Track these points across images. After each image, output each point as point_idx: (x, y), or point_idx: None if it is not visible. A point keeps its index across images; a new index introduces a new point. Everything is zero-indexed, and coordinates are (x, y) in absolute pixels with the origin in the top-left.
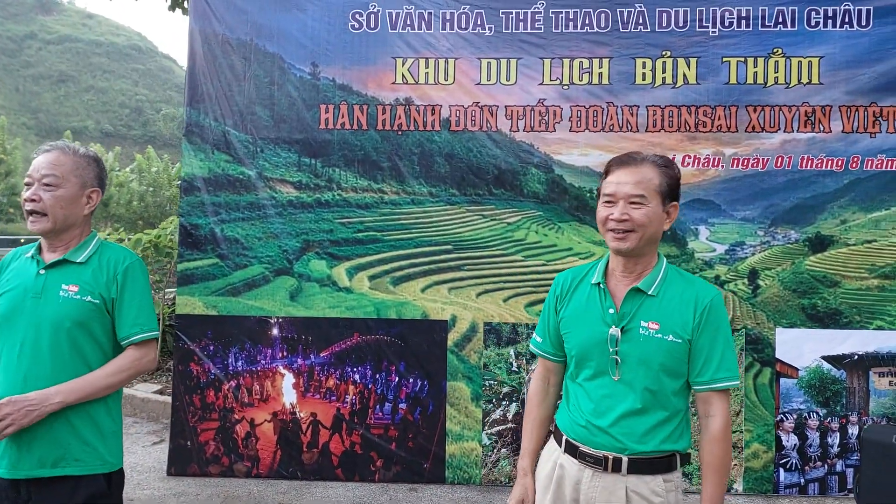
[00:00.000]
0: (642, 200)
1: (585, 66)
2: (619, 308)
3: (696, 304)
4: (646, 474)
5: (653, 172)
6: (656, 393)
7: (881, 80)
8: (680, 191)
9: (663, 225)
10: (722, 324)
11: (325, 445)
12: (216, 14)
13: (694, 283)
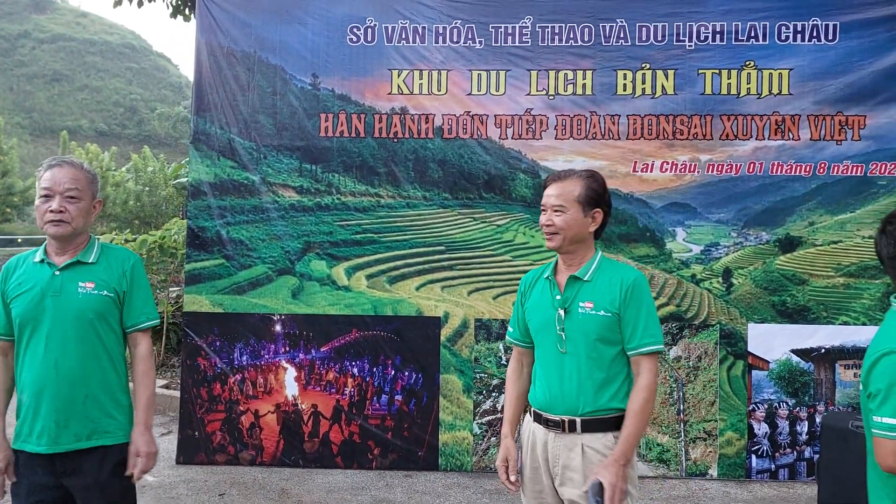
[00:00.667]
0: (563, 209)
1: (570, 78)
2: (562, 293)
3: (622, 285)
4: (598, 432)
5: (574, 185)
6: (596, 360)
7: (847, 91)
8: (604, 199)
9: (587, 227)
10: (644, 299)
11: (326, 435)
12: (222, 28)
13: (620, 269)
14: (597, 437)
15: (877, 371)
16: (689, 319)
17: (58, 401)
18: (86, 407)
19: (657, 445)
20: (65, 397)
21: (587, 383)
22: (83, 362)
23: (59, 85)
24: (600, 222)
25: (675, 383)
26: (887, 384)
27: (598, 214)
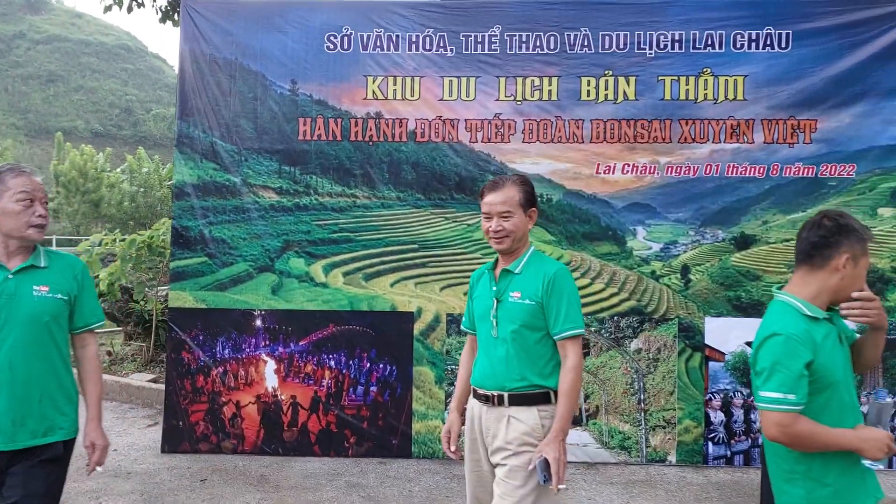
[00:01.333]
0: (509, 214)
1: (536, 84)
2: (497, 285)
3: (545, 277)
4: (523, 405)
5: (514, 191)
6: (522, 343)
7: (799, 97)
8: (535, 198)
9: (528, 226)
10: (565, 289)
11: (304, 425)
12: (204, 36)
13: (545, 262)
14: (522, 409)
15: (762, 352)
16: (649, 313)
17: (13, 401)
18: (42, 406)
19: (619, 433)
20: (20, 397)
21: (514, 363)
22: (38, 363)
23: (55, 86)
24: (535, 219)
25: (635, 374)
26: (771, 363)
27: (533, 213)
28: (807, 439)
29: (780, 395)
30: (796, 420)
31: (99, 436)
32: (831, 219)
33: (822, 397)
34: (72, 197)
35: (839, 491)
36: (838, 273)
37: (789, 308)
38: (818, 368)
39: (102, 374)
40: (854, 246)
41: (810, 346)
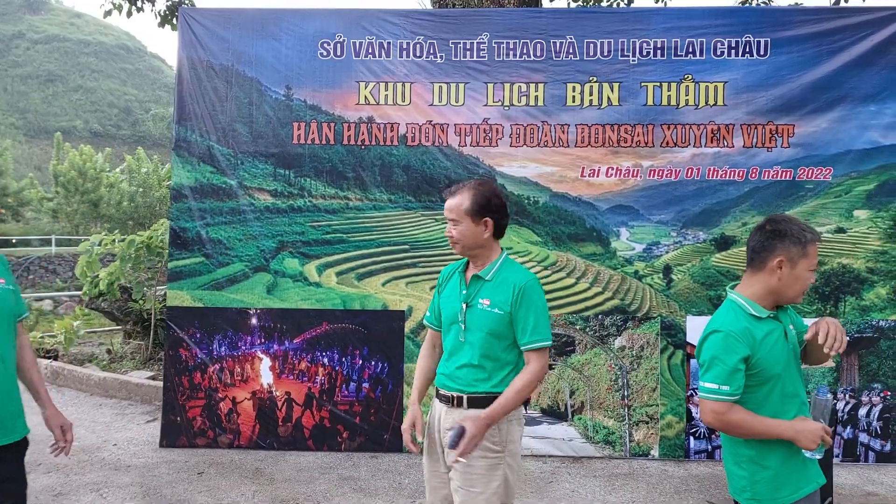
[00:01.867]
0: (455, 221)
1: (523, 90)
2: (467, 289)
3: (514, 287)
4: (482, 409)
5: (462, 199)
6: (487, 350)
7: (777, 102)
8: (492, 206)
9: (482, 234)
10: (534, 301)
11: (298, 420)
12: (202, 43)
13: (516, 272)
14: (481, 412)
15: (704, 346)
16: (632, 312)
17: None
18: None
19: (603, 428)
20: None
21: (478, 369)
22: (11, 355)
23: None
24: (493, 227)
25: (619, 371)
26: (710, 357)
27: (488, 222)
28: (739, 426)
29: (716, 386)
30: (730, 409)
31: (63, 417)
32: (771, 224)
33: (765, 388)
34: (71, 197)
35: (779, 474)
36: (775, 275)
37: (735, 306)
38: (758, 363)
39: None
40: (789, 249)
41: (748, 343)
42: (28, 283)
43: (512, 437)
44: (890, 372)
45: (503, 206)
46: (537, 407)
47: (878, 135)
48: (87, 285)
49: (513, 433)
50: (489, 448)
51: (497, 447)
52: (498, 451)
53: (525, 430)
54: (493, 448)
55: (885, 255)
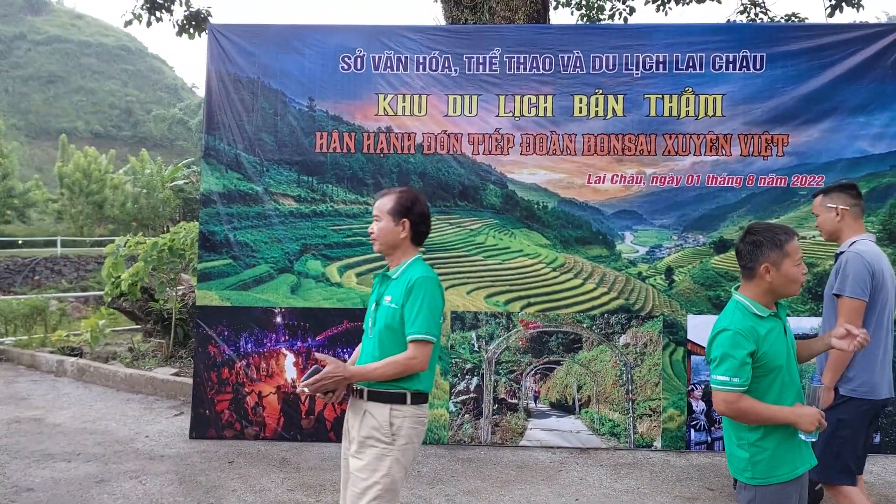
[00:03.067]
0: (377, 219)
1: (533, 102)
2: (378, 289)
3: (408, 283)
4: (378, 402)
5: (388, 200)
6: (384, 344)
7: (772, 113)
8: (412, 211)
9: (399, 234)
10: (421, 296)
11: (321, 413)
12: (229, 57)
13: (415, 270)
14: (376, 406)
15: (715, 343)
16: (636, 311)
17: None
18: None
19: (609, 421)
20: None
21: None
22: None
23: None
24: (410, 230)
25: (624, 367)
26: (721, 353)
27: (405, 223)
28: (748, 413)
29: (727, 379)
30: (739, 398)
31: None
32: (749, 236)
33: (768, 379)
34: (76, 198)
35: (776, 455)
36: (766, 279)
37: (741, 306)
38: (762, 357)
39: None
40: (769, 255)
41: (754, 339)
42: (33, 283)
43: (403, 433)
44: None
45: (424, 215)
46: (547, 401)
47: (867, 144)
48: (109, 286)
49: (404, 430)
50: (378, 438)
51: (385, 438)
52: (386, 443)
53: (535, 422)
54: (381, 439)
55: None
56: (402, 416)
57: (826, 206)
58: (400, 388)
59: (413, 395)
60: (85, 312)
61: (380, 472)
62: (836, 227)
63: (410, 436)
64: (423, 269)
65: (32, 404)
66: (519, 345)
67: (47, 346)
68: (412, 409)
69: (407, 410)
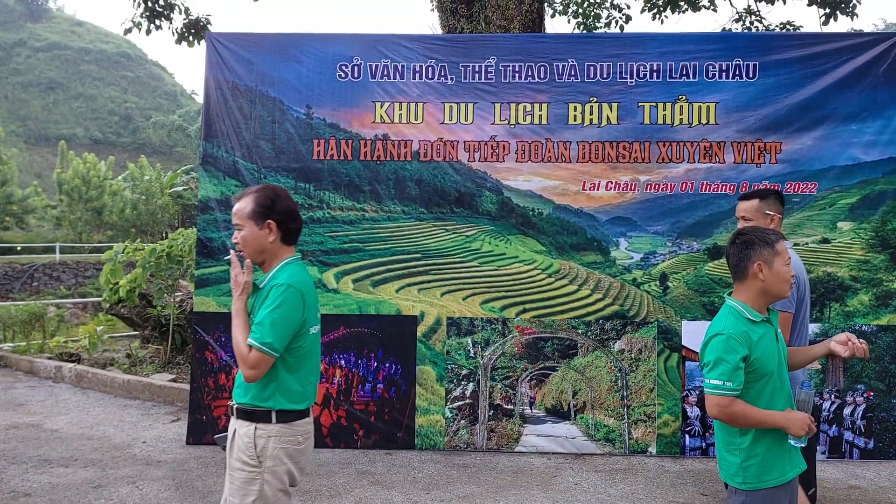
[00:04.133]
0: (238, 227)
1: (528, 109)
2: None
3: (264, 290)
4: (244, 421)
5: (245, 203)
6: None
7: (765, 121)
8: (275, 209)
9: (266, 238)
10: (268, 302)
11: (317, 419)
12: (227, 65)
13: (279, 276)
14: (243, 424)
15: (708, 348)
16: (631, 317)
17: None
18: None
19: (604, 426)
20: None
21: (238, 379)
22: None
23: (54, 93)
24: (277, 231)
25: (619, 372)
26: (714, 357)
27: (271, 225)
28: (741, 417)
29: (721, 383)
30: (732, 402)
31: None
32: (739, 238)
33: (759, 384)
34: (74, 205)
35: (766, 460)
36: (759, 278)
37: (734, 311)
38: (754, 362)
39: None
40: (761, 253)
41: (746, 344)
42: (32, 290)
43: (269, 453)
44: (872, 373)
45: (290, 211)
46: (542, 406)
47: (860, 152)
48: (107, 292)
49: (270, 450)
50: (245, 461)
51: (252, 461)
52: (253, 466)
53: (530, 428)
54: (247, 461)
55: (867, 263)
56: (268, 436)
57: (764, 213)
58: (265, 407)
59: (278, 413)
60: (83, 318)
61: (250, 498)
62: None
63: (279, 456)
64: (289, 276)
65: (30, 410)
66: (514, 350)
67: (45, 352)
68: (279, 427)
69: (272, 430)
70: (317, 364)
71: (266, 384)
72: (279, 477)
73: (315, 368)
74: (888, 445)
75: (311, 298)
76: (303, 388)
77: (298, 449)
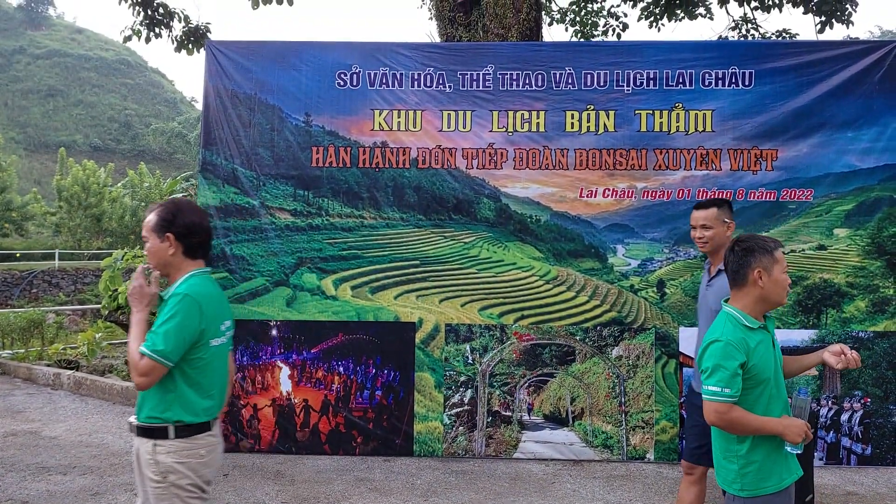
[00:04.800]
0: (145, 239)
1: (526, 117)
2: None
3: (164, 301)
4: (142, 437)
5: (151, 215)
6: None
7: (761, 129)
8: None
9: (167, 251)
10: (164, 313)
11: (315, 426)
12: (226, 73)
13: (179, 287)
14: (143, 442)
15: (706, 354)
16: (628, 324)
17: None
18: None
19: (602, 433)
20: None
21: (142, 393)
22: None
23: (54, 100)
24: (177, 244)
25: (616, 379)
26: (713, 364)
27: (170, 238)
28: (739, 424)
29: (719, 389)
30: (731, 409)
31: None
32: (739, 245)
33: (757, 391)
34: (74, 211)
35: (763, 467)
36: (758, 285)
37: (732, 318)
38: (752, 368)
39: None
40: (761, 260)
41: (744, 351)
42: (31, 296)
43: (171, 468)
44: (869, 380)
45: (192, 225)
46: (540, 413)
47: (856, 159)
48: (106, 299)
49: (170, 465)
50: (150, 477)
51: (157, 477)
52: (158, 482)
53: (528, 434)
54: (153, 478)
55: (863, 270)
56: (167, 452)
57: (723, 220)
58: (162, 420)
59: (177, 428)
60: (82, 325)
61: None
62: (724, 241)
63: (181, 470)
64: (188, 287)
65: (28, 417)
66: (513, 357)
67: (44, 359)
68: (177, 443)
69: (171, 445)
70: (221, 377)
71: (164, 396)
72: (185, 488)
73: (219, 381)
74: (885, 451)
75: (212, 310)
76: (204, 401)
77: (201, 462)
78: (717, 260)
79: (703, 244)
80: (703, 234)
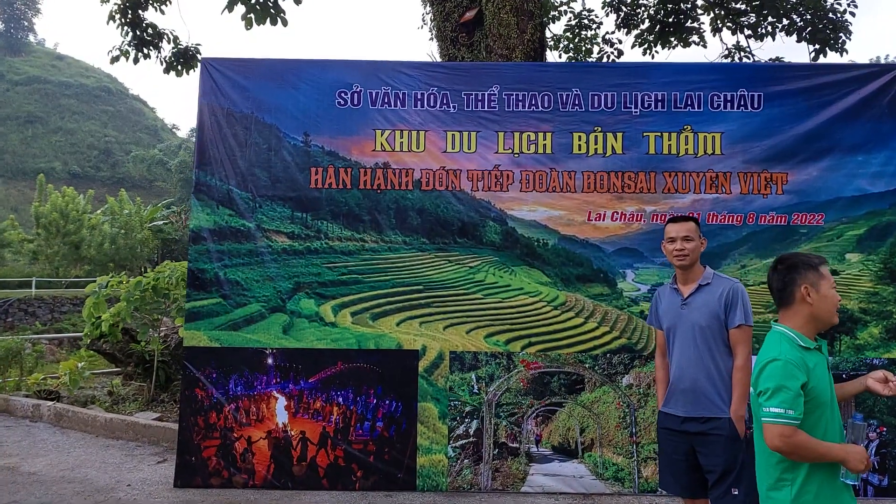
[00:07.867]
0: None
1: (532, 139)
2: None
3: None
4: None
5: None
6: None
7: (771, 152)
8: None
9: None
10: None
11: (313, 459)
12: (222, 91)
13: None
14: None
15: (764, 375)
16: (639, 351)
17: None
18: None
19: (613, 465)
20: None
21: None
22: None
23: (33, 127)
24: None
25: (627, 408)
26: (774, 384)
27: None
28: (804, 448)
29: (782, 411)
30: (795, 432)
31: None
32: (782, 263)
33: (815, 415)
34: (52, 238)
35: (820, 496)
36: (807, 302)
37: (786, 337)
38: (812, 390)
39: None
40: (807, 276)
41: (804, 371)
42: (6, 325)
43: None
44: (885, 409)
45: None
46: (549, 444)
47: (866, 183)
48: (89, 326)
49: None
50: None
51: None
52: None
53: (536, 467)
54: None
55: (876, 296)
56: None
57: (699, 235)
58: None
59: None
60: (59, 355)
61: None
62: (698, 257)
63: None
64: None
65: (6, 451)
66: (520, 386)
67: (22, 390)
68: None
69: None
70: None
71: None
72: None
73: None
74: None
75: None
76: None
77: None
78: (691, 276)
79: (684, 257)
80: (685, 247)
